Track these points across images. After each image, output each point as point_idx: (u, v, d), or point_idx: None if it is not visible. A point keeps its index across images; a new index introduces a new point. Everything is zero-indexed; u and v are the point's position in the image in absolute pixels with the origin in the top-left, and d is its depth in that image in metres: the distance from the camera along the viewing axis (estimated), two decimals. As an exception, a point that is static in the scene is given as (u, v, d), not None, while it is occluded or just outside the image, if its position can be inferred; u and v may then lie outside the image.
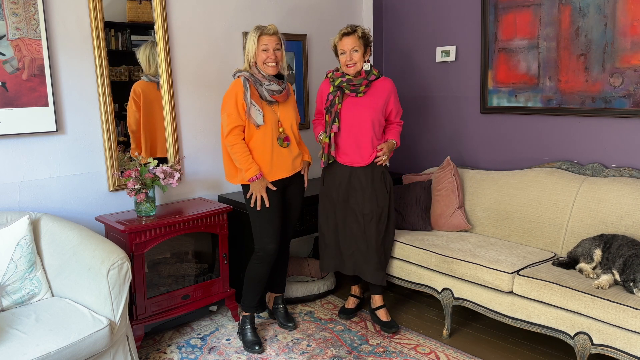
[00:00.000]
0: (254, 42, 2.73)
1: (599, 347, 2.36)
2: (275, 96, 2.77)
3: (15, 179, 2.75)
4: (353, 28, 2.86)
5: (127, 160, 3.09)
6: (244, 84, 2.70)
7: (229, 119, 2.71)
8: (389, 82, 3.01)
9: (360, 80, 2.89)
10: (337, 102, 2.91)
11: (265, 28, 2.75)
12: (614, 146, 3.00)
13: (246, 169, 2.71)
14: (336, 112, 2.91)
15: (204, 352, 2.86)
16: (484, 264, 2.77)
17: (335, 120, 2.91)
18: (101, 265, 2.36)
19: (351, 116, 2.92)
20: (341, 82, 2.90)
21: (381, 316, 3.09)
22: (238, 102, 2.70)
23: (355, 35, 2.84)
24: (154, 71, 3.15)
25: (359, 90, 2.90)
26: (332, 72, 2.99)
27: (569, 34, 3.08)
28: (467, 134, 3.73)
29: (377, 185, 2.97)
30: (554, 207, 3.01)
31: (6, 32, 2.61)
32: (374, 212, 2.96)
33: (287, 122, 2.84)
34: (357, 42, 2.84)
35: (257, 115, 2.71)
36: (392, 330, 3.02)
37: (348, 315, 3.23)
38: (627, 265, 2.41)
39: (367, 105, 2.92)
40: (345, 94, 2.93)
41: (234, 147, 2.72)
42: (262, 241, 2.84)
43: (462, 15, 3.65)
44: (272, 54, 2.73)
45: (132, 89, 3.09)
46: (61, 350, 2.12)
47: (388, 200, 3.01)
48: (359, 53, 2.86)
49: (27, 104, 2.70)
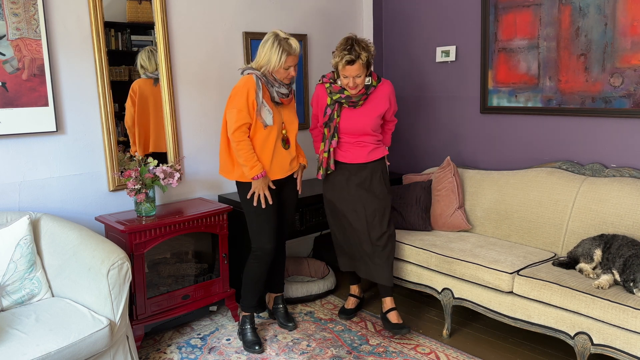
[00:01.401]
0: (279, 60, 2.64)
1: (599, 347, 2.36)
2: (283, 99, 2.77)
3: (15, 179, 2.75)
4: (356, 54, 2.71)
5: (127, 160, 3.10)
6: (256, 82, 2.66)
7: (239, 115, 2.65)
8: (386, 85, 2.96)
9: (359, 97, 2.86)
10: (335, 116, 2.90)
11: (291, 48, 2.66)
12: (614, 146, 3.00)
13: (251, 167, 2.70)
14: (335, 127, 2.91)
15: (204, 352, 2.86)
16: (484, 264, 2.77)
17: (335, 136, 2.91)
18: (101, 265, 2.36)
19: (350, 127, 2.92)
20: (340, 99, 2.87)
21: (392, 318, 3.02)
22: (249, 100, 2.65)
23: (359, 62, 2.73)
24: (153, 67, 3.14)
25: (358, 104, 2.89)
26: (330, 82, 2.90)
27: (569, 34, 3.08)
28: (467, 134, 3.73)
29: (376, 183, 2.97)
30: (554, 207, 3.01)
31: (6, 32, 2.61)
32: (376, 211, 2.95)
33: (290, 125, 2.85)
34: (360, 69, 2.75)
35: (267, 115, 2.70)
36: (403, 331, 2.95)
37: (348, 315, 3.22)
38: (627, 265, 2.41)
39: (365, 114, 2.91)
40: (344, 107, 2.92)
41: (240, 143, 2.68)
42: (260, 241, 2.84)
43: (462, 15, 3.65)
44: (292, 71, 2.73)
45: (131, 87, 3.09)
46: (61, 350, 2.12)
47: (390, 197, 3.01)
48: (362, 77, 2.79)
49: (27, 104, 2.70)
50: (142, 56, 3.10)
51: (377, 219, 2.95)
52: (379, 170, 2.99)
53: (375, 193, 2.96)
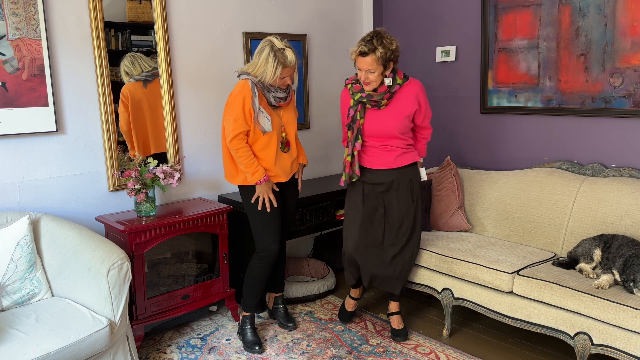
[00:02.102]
0: (274, 72, 2.59)
1: (599, 347, 2.36)
2: (281, 102, 2.76)
3: (15, 179, 2.75)
4: (371, 47, 2.55)
5: (127, 160, 3.10)
6: (252, 89, 2.62)
7: (235, 124, 2.63)
8: (415, 84, 2.76)
9: (381, 95, 2.68)
10: (358, 117, 2.72)
11: (287, 60, 2.60)
12: (614, 146, 3.00)
13: (252, 172, 2.69)
14: (359, 129, 2.72)
15: (204, 352, 2.86)
16: (484, 264, 2.77)
17: (358, 138, 2.72)
18: (101, 265, 2.36)
19: (375, 130, 2.73)
20: (361, 98, 2.71)
21: (393, 323, 3.01)
22: (245, 108, 2.63)
23: (373, 56, 2.56)
24: (138, 71, 3.11)
25: (381, 104, 2.70)
26: (352, 83, 2.76)
27: (569, 34, 3.08)
28: (467, 134, 3.73)
29: (402, 192, 2.80)
30: (554, 207, 3.01)
31: (6, 32, 2.61)
32: (395, 220, 2.82)
33: (290, 127, 2.83)
34: (373, 64, 2.58)
35: (265, 122, 2.68)
36: (398, 338, 2.94)
37: (347, 319, 3.16)
38: (627, 265, 2.41)
39: (390, 116, 2.71)
40: (367, 107, 2.74)
41: (238, 151, 2.67)
42: (265, 242, 2.83)
43: (462, 15, 3.65)
44: (289, 80, 2.70)
45: (121, 93, 3.05)
46: (61, 350, 2.12)
47: (413, 209, 2.83)
48: (375, 74, 2.62)
49: (27, 104, 2.69)
50: (125, 62, 3.04)
51: (395, 229, 2.83)
52: (408, 177, 2.79)
53: (400, 202, 2.80)
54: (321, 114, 4.06)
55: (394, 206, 2.83)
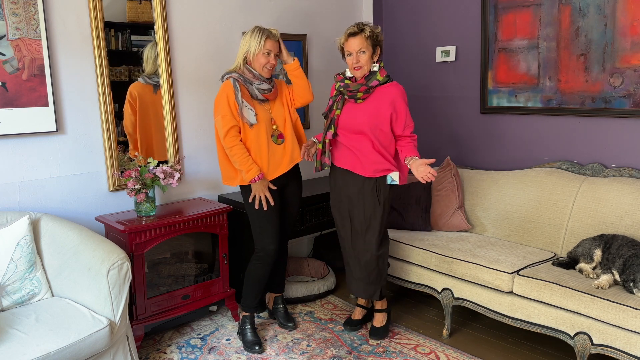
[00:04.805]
0: (259, 43, 2.70)
1: (599, 347, 2.36)
2: (266, 94, 2.78)
3: (15, 179, 2.75)
4: (360, 27, 2.65)
5: (127, 160, 3.10)
6: (233, 85, 2.70)
7: (224, 120, 2.69)
8: (395, 87, 2.73)
9: (357, 86, 2.70)
10: (334, 107, 2.78)
11: (270, 33, 2.73)
12: (614, 146, 3.00)
13: (247, 171, 2.70)
14: (332, 119, 2.77)
15: (204, 352, 2.86)
16: (484, 264, 2.77)
17: (331, 127, 2.77)
18: (101, 265, 2.36)
19: (348, 123, 2.75)
20: (339, 87, 2.77)
21: (373, 320, 2.99)
22: (230, 103, 2.69)
23: (362, 35, 2.64)
24: (152, 69, 3.13)
25: (357, 96, 2.71)
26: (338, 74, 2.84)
27: (569, 34, 3.08)
28: (467, 134, 3.73)
29: (368, 196, 2.75)
30: (553, 207, 3.01)
31: (6, 32, 2.61)
32: (362, 224, 2.79)
33: (280, 119, 2.83)
34: (364, 42, 2.63)
35: (249, 114, 2.71)
36: (372, 337, 2.92)
37: (354, 327, 3.05)
38: (627, 265, 2.41)
39: (365, 111, 2.71)
40: (346, 100, 2.78)
41: (232, 149, 2.70)
42: (263, 242, 2.83)
43: (462, 15, 3.65)
44: (273, 58, 2.74)
45: (128, 91, 3.07)
46: (61, 350, 2.12)
47: (380, 213, 2.76)
48: (366, 54, 2.65)
49: (27, 104, 2.69)
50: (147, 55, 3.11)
51: (362, 231, 2.79)
52: (373, 182, 2.75)
53: (364, 204, 2.77)
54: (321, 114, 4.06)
55: (359, 206, 2.79)
